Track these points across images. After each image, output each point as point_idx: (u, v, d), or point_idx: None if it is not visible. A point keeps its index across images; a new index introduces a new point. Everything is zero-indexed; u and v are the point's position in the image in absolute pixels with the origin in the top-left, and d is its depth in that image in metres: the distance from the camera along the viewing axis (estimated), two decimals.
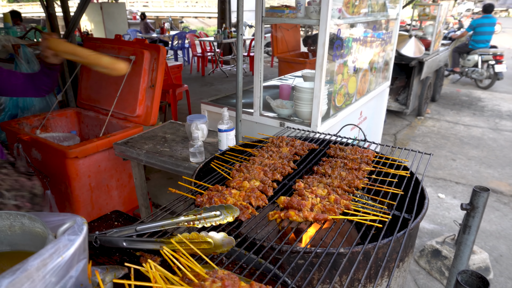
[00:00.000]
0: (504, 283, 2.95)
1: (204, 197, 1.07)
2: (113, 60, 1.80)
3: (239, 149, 1.49)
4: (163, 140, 2.68)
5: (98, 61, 1.75)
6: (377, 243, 0.92)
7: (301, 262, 0.91)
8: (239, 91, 2.18)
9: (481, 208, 1.35)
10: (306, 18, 2.76)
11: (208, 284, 0.64)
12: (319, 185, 1.14)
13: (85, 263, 0.66)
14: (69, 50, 1.78)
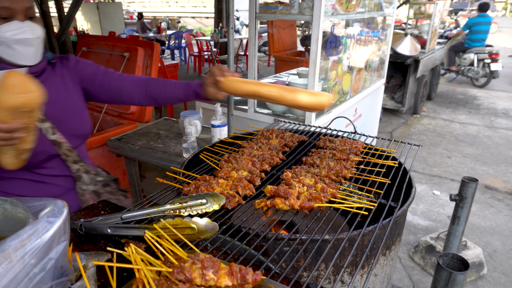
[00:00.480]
0: (498, 278, 2.97)
1: (191, 186, 1.08)
2: (313, 95, 1.27)
3: (229, 141, 1.49)
4: (157, 136, 2.68)
5: (294, 101, 1.26)
6: (362, 230, 0.92)
7: (287, 249, 0.91)
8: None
9: (469, 199, 1.35)
10: (300, 14, 2.77)
11: (188, 265, 0.64)
12: (306, 174, 1.15)
13: (65, 246, 0.66)
14: (252, 91, 1.33)
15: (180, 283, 0.62)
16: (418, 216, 3.83)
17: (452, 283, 0.68)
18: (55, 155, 1.39)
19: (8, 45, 1.23)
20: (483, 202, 4.08)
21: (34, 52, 1.29)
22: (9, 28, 1.21)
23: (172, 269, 0.64)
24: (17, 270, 0.59)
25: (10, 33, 1.21)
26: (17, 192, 1.39)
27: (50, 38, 3.71)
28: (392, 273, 1.21)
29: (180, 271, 0.63)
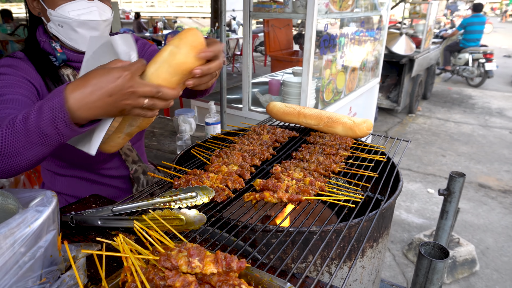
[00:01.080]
0: (490, 274, 3.00)
1: (182, 180, 1.09)
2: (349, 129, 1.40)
3: (221, 137, 1.50)
4: (151, 134, 2.70)
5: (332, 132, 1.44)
6: (348, 222, 0.94)
7: (274, 241, 0.93)
8: (223, 82, 2.20)
9: (457, 193, 1.38)
10: (294, 13, 2.79)
11: (174, 254, 0.66)
12: (296, 169, 1.17)
13: (54, 235, 0.68)
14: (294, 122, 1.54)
15: (167, 270, 0.64)
16: (413, 214, 3.87)
17: (432, 270, 0.70)
18: (115, 154, 1.31)
19: (72, 26, 1.07)
20: (476, 200, 4.12)
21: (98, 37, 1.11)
22: (75, 7, 1.06)
23: (159, 257, 0.66)
24: (7, 257, 0.61)
25: (75, 13, 1.06)
26: (71, 192, 1.32)
27: None
28: (380, 266, 1.23)
29: (166, 258, 0.65)
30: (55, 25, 1.09)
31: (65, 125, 0.77)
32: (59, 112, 0.76)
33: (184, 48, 0.84)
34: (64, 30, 1.09)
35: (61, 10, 1.06)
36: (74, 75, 1.19)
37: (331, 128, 1.45)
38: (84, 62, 0.95)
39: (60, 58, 1.15)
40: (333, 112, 1.54)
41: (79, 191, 1.35)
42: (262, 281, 0.71)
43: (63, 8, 1.05)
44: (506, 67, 11.58)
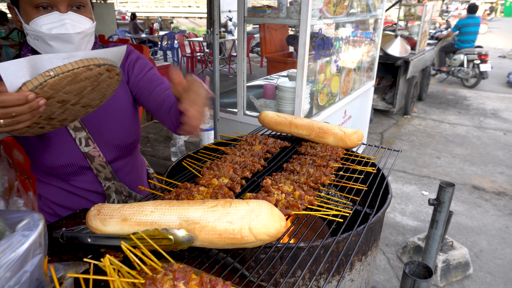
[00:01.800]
0: (484, 277, 3.02)
1: (172, 194, 1.10)
2: (340, 140, 1.43)
3: (212, 148, 1.51)
4: (146, 140, 2.70)
5: (323, 142, 1.46)
6: (336, 237, 0.95)
7: (263, 256, 0.93)
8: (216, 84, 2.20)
9: (447, 203, 1.39)
10: (288, 18, 2.80)
11: (160, 277, 0.66)
12: (286, 181, 1.17)
13: (40, 258, 0.68)
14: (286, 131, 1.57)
15: None
16: (407, 217, 3.88)
17: None
18: (87, 167, 1.30)
19: (45, 40, 1.05)
20: (470, 202, 4.14)
21: (74, 50, 1.08)
22: (46, 21, 1.03)
23: (144, 281, 0.66)
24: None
25: (46, 27, 1.03)
26: (53, 199, 1.35)
27: None
28: (370, 278, 1.24)
29: (152, 282, 0.65)
30: (32, 38, 1.08)
31: None
32: None
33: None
34: (40, 43, 1.08)
35: (34, 24, 1.04)
36: None
37: (322, 139, 1.46)
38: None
39: None
40: (324, 122, 1.55)
41: (57, 199, 1.36)
42: None
43: (36, 22, 1.04)
44: (500, 68, 11.64)
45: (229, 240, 0.81)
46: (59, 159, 1.24)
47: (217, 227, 0.82)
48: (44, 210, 1.38)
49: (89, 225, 0.93)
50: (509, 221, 3.79)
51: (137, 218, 0.92)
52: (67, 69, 0.83)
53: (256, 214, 0.82)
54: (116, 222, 0.92)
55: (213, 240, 0.82)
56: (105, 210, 0.95)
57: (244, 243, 0.81)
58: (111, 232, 0.91)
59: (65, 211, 1.36)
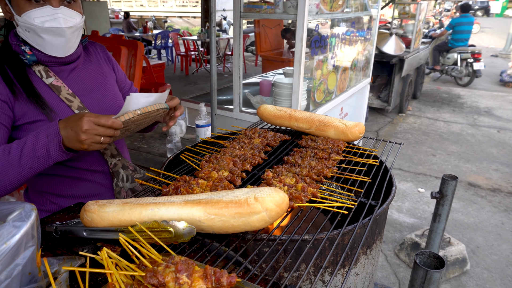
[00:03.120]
0: (481, 273, 3.02)
1: (170, 187, 1.06)
2: (341, 133, 1.41)
3: (211, 141, 1.47)
4: (141, 137, 2.65)
5: (324, 135, 1.44)
6: (341, 229, 0.92)
7: (266, 250, 0.90)
8: (213, 84, 2.16)
9: (450, 196, 1.37)
10: (284, 14, 2.76)
11: (161, 269, 0.63)
12: (287, 174, 1.14)
13: (33, 251, 0.64)
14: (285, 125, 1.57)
15: (153, 287, 0.60)
16: (404, 214, 3.88)
17: (428, 281, 0.68)
18: (90, 152, 1.33)
19: (37, 33, 1.10)
20: (466, 199, 4.15)
21: (64, 43, 1.15)
22: (39, 14, 1.07)
23: (145, 273, 0.62)
24: None
25: (39, 20, 1.08)
26: (52, 191, 1.32)
27: None
28: (374, 272, 1.21)
29: (152, 275, 0.62)
30: (23, 30, 1.12)
31: (57, 147, 0.99)
32: (54, 137, 0.98)
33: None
34: (31, 35, 1.12)
35: (26, 16, 1.08)
36: (46, 71, 1.21)
37: (323, 132, 1.43)
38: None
39: (30, 60, 1.16)
40: (324, 115, 1.52)
41: (60, 189, 1.33)
42: None
43: (29, 15, 1.07)
44: (493, 66, 11.74)
45: (235, 209, 0.79)
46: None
47: (223, 199, 0.81)
48: (44, 209, 1.34)
49: (85, 209, 0.88)
50: (505, 217, 3.80)
51: (138, 201, 0.89)
52: (147, 110, 1.08)
53: (259, 190, 0.84)
54: (116, 205, 0.88)
55: (219, 211, 0.80)
56: (104, 200, 0.92)
57: (251, 213, 0.79)
58: (110, 214, 0.87)
59: (69, 200, 1.33)
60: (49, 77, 1.20)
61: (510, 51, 12.50)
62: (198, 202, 0.84)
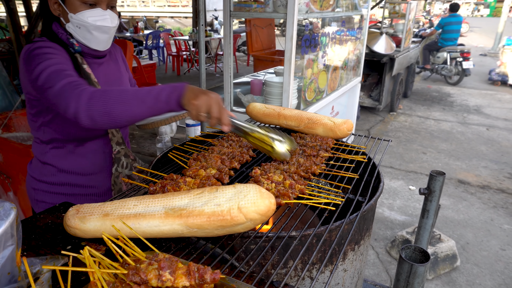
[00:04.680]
0: (471, 269, 3.05)
1: (157, 185, 1.05)
2: (330, 130, 1.42)
3: (200, 140, 1.46)
4: (131, 136, 2.63)
5: (313, 133, 1.45)
6: (328, 226, 0.92)
7: (253, 247, 0.90)
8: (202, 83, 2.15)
9: (437, 192, 1.38)
10: (274, 12, 2.77)
11: (144, 266, 0.62)
12: (275, 171, 1.14)
13: (12, 250, 0.63)
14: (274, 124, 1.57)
15: (135, 285, 0.60)
16: (395, 212, 3.90)
17: (413, 275, 0.69)
18: (104, 134, 1.48)
19: (88, 29, 1.29)
20: (456, 196, 4.20)
21: (107, 40, 1.37)
22: (92, 14, 1.28)
23: (127, 271, 0.62)
24: None
25: (92, 19, 1.28)
26: (55, 163, 1.43)
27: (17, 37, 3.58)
28: (363, 268, 1.21)
29: (135, 272, 0.61)
30: (74, 26, 1.30)
31: (177, 98, 1.06)
32: (179, 90, 1.07)
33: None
34: (81, 31, 1.30)
35: (80, 15, 1.27)
36: (81, 58, 1.38)
37: (311, 130, 1.43)
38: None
39: (77, 50, 1.35)
40: (313, 113, 1.52)
41: (64, 163, 1.44)
42: None
43: (83, 14, 1.27)
44: (482, 65, 11.89)
45: (218, 223, 0.77)
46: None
47: (204, 210, 0.78)
48: (44, 181, 1.45)
49: (67, 224, 0.88)
50: (494, 214, 3.85)
51: (119, 212, 0.88)
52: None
53: (244, 194, 0.80)
54: (96, 219, 0.87)
55: (202, 225, 0.78)
56: (84, 209, 0.91)
57: (234, 225, 0.78)
58: (92, 230, 0.87)
59: (73, 177, 1.46)
60: (83, 63, 1.36)
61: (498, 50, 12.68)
62: (180, 215, 0.82)
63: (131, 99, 1.06)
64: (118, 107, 1.05)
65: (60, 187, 1.45)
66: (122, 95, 1.07)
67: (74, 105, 1.05)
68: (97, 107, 1.04)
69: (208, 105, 1.04)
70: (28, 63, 1.21)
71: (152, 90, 1.08)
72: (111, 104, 1.05)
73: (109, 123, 1.06)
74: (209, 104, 1.04)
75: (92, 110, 1.04)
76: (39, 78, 1.15)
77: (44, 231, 0.94)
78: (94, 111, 1.04)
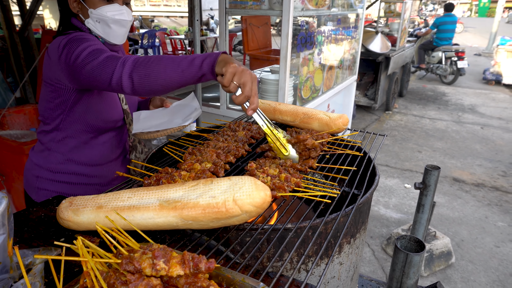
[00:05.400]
0: (465, 266, 3.07)
1: (152, 179, 1.04)
2: (325, 124, 1.42)
3: (195, 134, 1.46)
4: None
5: (308, 127, 1.45)
6: (324, 218, 0.92)
7: (248, 239, 0.89)
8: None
9: (432, 186, 1.38)
10: (270, 10, 2.76)
11: (138, 255, 0.61)
12: (271, 165, 1.14)
13: (4, 240, 0.62)
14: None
15: (129, 274, 0.59)
16: (391, 209, 3.92)
17: (409, 264, 0.69)
18: (119, 126, 1.54)
19: (107, 23, 1.37)
20: (451, 194, 4.22)
21: (124, 33, 1.45)
22: (111, 9, 1.36)
23: (121, 260, 0.61)
24: None
25: (111, 13, 1.35)
26: (65, 152, 1.46)
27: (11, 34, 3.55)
28: (358, 262, 1.21)
29: (129, 261, 0.60)
30: (93, 21, 1.37)
31: (211, 63, 1.08)
32: (213, 57, 1.08)
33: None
34: (100, 25, 1.37)
35: (100, 10, 1.35)
36: None
37: (307, 124, 1.43)
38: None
39: (101, 42, 1.40)
40: (308, 108, 1.52)
41: (80, 155, 1.49)
42: (234, 281, 0.67)
43: (102, 9, 1.35)
44: (476, 65, 11.98)
45: (213, 215, 0.77)
46: (113, 115, 1.49)
47: (199, 202, 0.77)
48: (51, 179, 1.47)
49: (60, 217, 0.87)
50: (488, 211, 3.87)
51: (113, 204, 0.87)
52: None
53: (239, 186, 0.79)
54: (90, 211, 0.86)
55: (196, 217, 0.77)
56: (78, 201, 0.90)
57: (229, 217, 0.77)
58: (85, 222, 0.86)
59: (79, 167, 1.49)
60: None
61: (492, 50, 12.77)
62: (174, 207, 0.81)
63: (167, 62, 1.11)
64: (156, 68, 1.10)
65: (64, 176, 1.48)
66: (161, 59, 1.12)
67: (119, 69, 1.12)
68: (139, 70, 1.11)
69: (243, 78, 1.04)
70: (65, 48, 1.26)
71: (189, 56, 1.13)
72: (150, 66, 1.11)
73: (148, 86, 1.12)
74: (245, 77, 1.04)
75: (135, 73, 1.11)
76: (80, 56, 1.21)
77: (37, 223, 0.93)
78: (136, 74, 1.11)
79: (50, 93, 1.37)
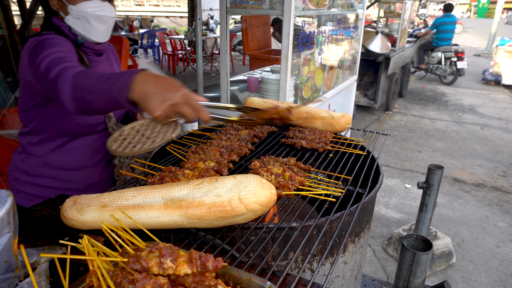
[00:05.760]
0: (466, 266, 3.07)
1: (156, 177, 1.04)
2: (328, 123, 1.41)
3: (197, 133, 1.45)
4: None
5: (311, 127, 1.44)
6: (329, 217, 0.92)
7: (253, 238, 0.89)
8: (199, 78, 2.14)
9: (436, 186, 1.38)
10: (271, 9, 2.76)
11: (145, 254, 0.61)
12: (275, 164, 1.13)
13: (9, 239, 0.61)
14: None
15: (136, 272, 0.58)
16: (391, 210, 3.92)
17: (416, 263, 0.68)
18: (97, 130, 1.48)
19: (87, 19, 1.33)
20: (452, 194, 4.22)
21: (106, 30, 1.40)
22: (91, 5, 1.32)
23: (128, 259, 0.60)
24: None
25: (92, 9, 1.32)
26: (41, 156, 1.42)
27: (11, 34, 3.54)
28: (362, 261, 1.21)
29: (136, 260, 0.60)
30: (73, 18, 1.33)
31: (123, 87, 0.92)
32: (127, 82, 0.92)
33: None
34: (80, 22, 1.34)
35: (80, 6, 1.31)
36: (82, 54, 1.42)
37: (310, 123, 1.43)
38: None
39: (80, 41, 1.38)
40: (312, 106, 1.52)
41: (50, 157, 1.43)
42: (241, 280, 0.67)
43: (83, 4, 1.31)
44: (476, 65, 12.00)
45: (219, 214, 0.76)
46: (89, 119, 1.43)
47: (205, 201, 0.77)
48: (29, 182, 1.45)
49: (64, 216, 0.86)
50: (489, 211, 3.87)
51: (117, 203, 0.86)
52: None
53: (245, 184, 0.78)
54: (94, 210, 0.85)
55: (202, 216, 0.77)
56: (82, 200, 0.89)
57: (235, 216, 0.77)
58: (90, 221, 0.85)
59: (56, 171, 1.46)
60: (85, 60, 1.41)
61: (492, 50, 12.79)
62: (179, 206, 0.80)
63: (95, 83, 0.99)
64: (90, 90, 0.98)
65: (41, 179, 1.45)
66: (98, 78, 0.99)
67: (61, 92, 1.01)
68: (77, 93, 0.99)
69: (176, 108, 0.90)
70: (32, 52, 1.22)
71: (113, 74, 0.98)
72: (87, 89, 0.99)
73: (90, 112, 1.03)
74: (179, 107, 0.90)
75: (75, 97, 0.99)
76: (41, 65, 1.15)
77: (41, 222, 0.92)
78: (77, 99, 0.99)
79: (24, 95, 1.34)
